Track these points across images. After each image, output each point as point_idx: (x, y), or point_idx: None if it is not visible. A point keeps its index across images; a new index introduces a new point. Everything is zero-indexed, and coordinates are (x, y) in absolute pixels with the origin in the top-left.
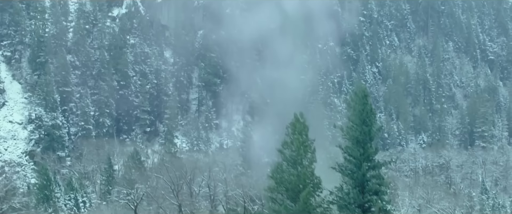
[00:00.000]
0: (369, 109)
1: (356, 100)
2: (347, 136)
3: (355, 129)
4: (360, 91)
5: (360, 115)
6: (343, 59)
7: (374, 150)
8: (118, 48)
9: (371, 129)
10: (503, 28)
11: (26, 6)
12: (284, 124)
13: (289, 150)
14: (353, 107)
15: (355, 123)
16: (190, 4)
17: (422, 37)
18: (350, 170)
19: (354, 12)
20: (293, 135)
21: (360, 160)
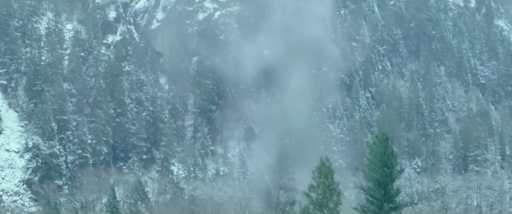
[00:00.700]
0: (390, 152)
1: (377, 144)
2: (369, 177)
3: (377, 171)
4: (382, 135)
5: (381, 157)
6: (336, 85)
7: (396, 191)
8: (114, 75)
9: (392, 171)
10: (493, 52)
11: (21, 35)
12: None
13: (315, 193)
14: (375, 150)
15: (377, 165)
16: (185, 30)
17: (414, 61)
18: (372, 211)
19: (347, 37)
20: (319, 178)
21: (381, 201)
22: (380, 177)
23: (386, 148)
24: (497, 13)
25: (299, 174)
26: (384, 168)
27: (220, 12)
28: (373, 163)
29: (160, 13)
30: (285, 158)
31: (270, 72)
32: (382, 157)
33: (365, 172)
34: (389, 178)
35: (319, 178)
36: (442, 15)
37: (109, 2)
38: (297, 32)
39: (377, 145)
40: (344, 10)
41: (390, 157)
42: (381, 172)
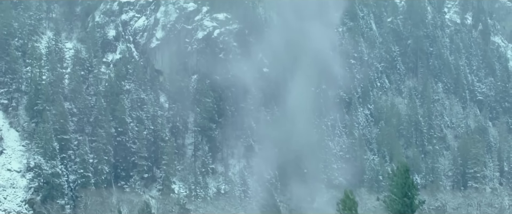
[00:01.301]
0: (411, 183)
1: (398, 175)
2: (390, 208)
3: (398, 202)
4: (402, 166)
5: (402, 188)
6: (335, 102)
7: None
8: (115, 94)
9: (413, 202)
10: (490, 68)
11: (22, 54)
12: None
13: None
14: (396, 181)
15: (398, 196)
16: (184, 48)
17: (412, 78)
18: None
19: (345, 54)
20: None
21: None
22: (401, 208)
23: (406, 179)
24: (494, 29)
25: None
26: (404, 199)
27: (219, 30)
28: (394, 194)
29: (159, 32)
30: (285, 176)
31: (269, 90)
32: (403, 188)
33: (386, 203)
34: (410, 209)
35: (343, 210)
36: (439, 32)
37: (108, 20)
38: (296, 50)
39: (398, 176)
40: (342, 27)
41: (411, 187)
42: (401, 203)
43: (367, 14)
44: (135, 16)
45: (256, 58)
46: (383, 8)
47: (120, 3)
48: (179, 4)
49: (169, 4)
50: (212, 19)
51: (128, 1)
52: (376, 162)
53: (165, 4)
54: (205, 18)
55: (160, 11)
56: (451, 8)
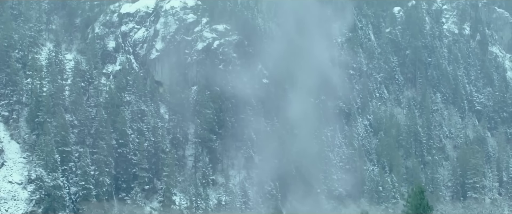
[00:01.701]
0: (425, 203)
1: (413, 196)
2: None
3: None
4: (417, 188)
5: (416, 209)
6: (335, 113)
7: None
8: (115, 106)
9: None
10: (488, 78)
11: (22, 66)
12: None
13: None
14: (411, 202)
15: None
16: (184, 60)
17: (411, 89)
18: None
19: (344, 65)
20: None
21: None
22: None
23: (421, 201)
24: (491, 39)
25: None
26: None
27: (219, 41)
28: None
29: (159, 43)
30: (285, 187)
31: (269, 101)
32: (417, 209)
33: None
34: None
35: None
36: (437, 42)
37: (108, 32)
38: (295, 61)
39: (413, 198)
40: (341, 38)
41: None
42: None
43: (365, 25)
44: (135, 28)
45: (255, 69)
46: (382, 18)
47: (120, 15)
48: (179, 15)
49: (168, 15)
50: (212, 30)
51: (127, 13)
52: (376, 172)
53: (165, 15)
54: (205, 29)
55: (160, 23)
56: (449, 19)
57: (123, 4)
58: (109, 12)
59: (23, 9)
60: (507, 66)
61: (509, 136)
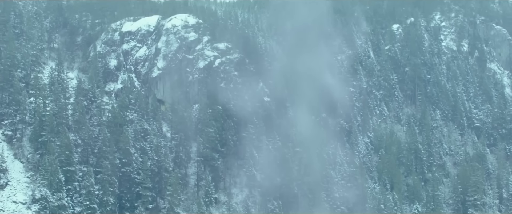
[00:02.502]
0: None
1: None
2: None
3: None
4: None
5: None
6: (336, 131)
7: None
8: (118, 125)
9: None
10: (487, 95)
11: (25, 85)
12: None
13: None
14: None
15: None
16: (185, 78)
17: (410, 106)
18: None
19: (344, 82)
20: None
21: None
22: None
23: None
24: (490, 56)
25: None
26: None
27: (220, 59)
28: None
29: (160, 61)
30: (288, 205)
31: (270, 119)
32: None
33: None
34: None
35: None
36: (436, 59)
37: (109, 50)
38: (296, 79)
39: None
40: (341, 55)
41: None
42: None
43: (365, 42)
44: (136, 46)
45: (257, 87)
46: (381, 36)
47: (121, 33)
48: (180, 34)
49: (170, 34)
50: (213, 48)
51: (129, 31)
52: (377, 190)
53: (166, 34)
54: (206, 48)
55: (161, 41)
56: (447, 36)
57: (124, 22)
58: (110, 30)
59: (25, 28)
60: (505, 83)
61: (508, 152)
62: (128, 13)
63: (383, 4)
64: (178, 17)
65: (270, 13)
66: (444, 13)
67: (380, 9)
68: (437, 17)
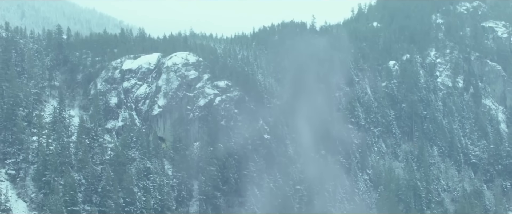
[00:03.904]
0: None
1: None
2: None
3: None
4: None
5: None
6: (335, 168)
7: None
8: (121, 164)
9: None
10: (482, 131)
11: (28, 123)
12: None
13: None
14: None
15: None
16: (186, 116)
17: (407, 142)
18: None
19: (342, 119)
20: None
21: None
22: None
23: None
24: (484, 92)
25: None
26: None
27: (220, 97)
28: None
29: (161, 99)
30: None
31: (271, 156)
32: None
33: None
34: None
35: None
36: (432, 96)
37: (110, 88)
38: (295, 116)
39: None
40: (339, 92)
41: None
42: None
43: (362, 79)
44: (137, 84)
45: (257, 125)
46: (377, 72)
47: (122, 71)
48: (181, 72)
49: (170, 71)
50: (213, 86)
51: (129, 69)
52: None
53: (167, 71)
54: (206, 86)
55: (162, 79)
56: (443, 72)
57: (125, 60)
58: (111, 68)
59: (27, 66)
60: (500, 119)
61: (505, 188)
62: (128, 51)
63: (379, 41)
64: (178, 55)
65: (268, 50)
66: (439, 49)
67: (376, 46)
68: (432, 54)
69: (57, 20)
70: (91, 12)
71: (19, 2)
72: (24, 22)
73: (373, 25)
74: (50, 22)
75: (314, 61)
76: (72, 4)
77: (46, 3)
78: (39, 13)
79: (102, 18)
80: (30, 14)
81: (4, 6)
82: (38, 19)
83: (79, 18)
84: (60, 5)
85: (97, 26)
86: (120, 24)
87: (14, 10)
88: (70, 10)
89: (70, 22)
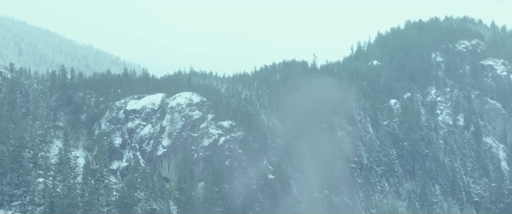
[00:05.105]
0: None
1: None
2: None
3: None
4: None
5: None
6: (340, 208)
7: None
8: (127, 205)
9: None
10: (484, 169)
11: (34, 165)
12: None
13: None
14: None
15: None
16: (190, 156)
17: (410, 181)
18: None
19: (345, 159)
20: None
21: None
22: None
23: None
24: (485, 130)
25: None
26: None
27: (224, 137)
28: None
29: (165, 139)
30: None
31: (276, 197)
32: None
33: None
34: None
35: None
36: (433, 134)
37: (114, 128)
38: (298, 156)
39: None
40: (341, 132)
41: None
42: None
43: (364, 118)
44: (141, 124)
45: (261, 165)
46: (379, 111)
47: (126, 111)
48: (185, 112)
49: (174, 112)
50: (217, 126)
51: (133, 109)
52: None
53: (171, 112)
54: (210, 126)
55: (166, 119)
56: (443, 110)
57: (129, 100)
58: (115, 108)
59: (32, 107)
60: (501, 157)
61: None
62: (132, 91)
63: (380, 80)
64: (182, 95)
65: (270, 89)
66: (440, 87)
67: (377, 85)
68: (432, 92)
69: (54, 57)
70: (88, 49)
71: (17, 39)
72: (22, 59)
73: (373, 63)
74: (47, 59)
75: (316, 101)
76: (69, 41)
77: (43, 40)
78: (37, 50)
79: (99, 54)
80: (28, 51)
81: (2, 43)
82: (36, 56)
83: (76, 54)
84: (57, 41)
85: (94, 62)
86: (117, 60)
87: (12, 47)
88: (67, 46)
89: (67, 58)
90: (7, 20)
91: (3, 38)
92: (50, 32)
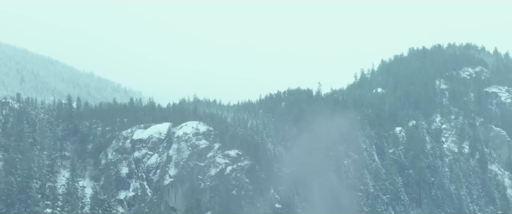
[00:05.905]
0: None
1: None
2: None
3: None
4: None
5: None
6: None
7: None
8: None
9: None
10: (489, 197)
11: (41, 196)
12: None
13: None
14: None
15: None
16: (197, 186)
17: (416, 209)
18: None
19: (351, 187)
20: None
21: None
22: None
23: None
24: (490, 158)
25: None
26: None
27: (231, 167)
28: None
29: (172, 169)
30: None
31: None
32: None
33: None
34: None
35: None
36: (439, 162)
37: (121, 158)
38: (305, 185)
39: None
40: (347, 160)
41: None
42: None
43: (369, 146)
44: (148, 154)
45: (268, 194)
46: (384, 139)
47: (133, 141)
48: (191, 141)
49: (181, 141)
50: (224, 156)
51: (140, 139)
52: None
53: (178, 141)
54: (217, 155)
55: (173, 149)
56: (448, 138)
57: (135, 130)
58: (121, 138)
59: (39, 137)
60: (506, 184)
61: None
62: (138, 121)
63: (384, 107)
64: (188, 125)
65: (276, 118)
66: (444, 115)
67: (382, 113)
68: (437, 119)
69: (56, 84)
70: (89, 76)
71: (18, 67)
72: (24, 86)
73: (378, 91)
74: (49, 87)
75: (322, 129)
76: (70, 68)
77: (44, 67)
78: (38, 78)
79: (100, 81)
80: (29, 79)
81: (4, 71)
82: (38, 84)
83: (78, 82)
84: (58, 69)
85: (96, 89)
86: (118, 87)
87: (14, 75)
88: (68, 74)
89: (68, 86)
90: (9, 47)
91: (5, 66)
92: (51, 60)
